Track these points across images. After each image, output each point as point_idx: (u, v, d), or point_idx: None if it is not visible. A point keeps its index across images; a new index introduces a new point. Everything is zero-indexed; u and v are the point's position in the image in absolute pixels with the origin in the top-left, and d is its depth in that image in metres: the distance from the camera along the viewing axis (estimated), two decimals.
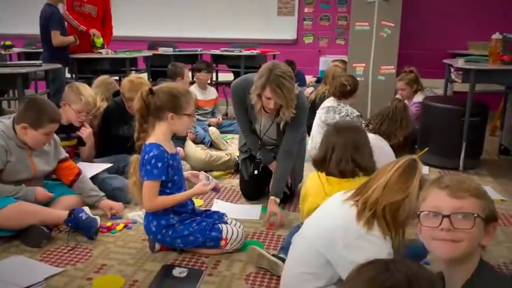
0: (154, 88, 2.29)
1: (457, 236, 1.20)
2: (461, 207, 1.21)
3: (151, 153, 2.22)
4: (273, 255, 2.20)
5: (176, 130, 2.35)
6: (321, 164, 2.16)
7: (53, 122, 2.60)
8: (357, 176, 2.07)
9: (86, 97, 3.10)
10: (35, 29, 4.81)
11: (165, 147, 2.27)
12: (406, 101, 3.41)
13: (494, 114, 4.98)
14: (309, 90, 5.30)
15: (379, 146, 2.65)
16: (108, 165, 3.15)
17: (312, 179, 2.24)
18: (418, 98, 4.50)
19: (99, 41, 4.97)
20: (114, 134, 3.35)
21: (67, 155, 2.88)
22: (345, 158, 2.07)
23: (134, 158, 2.34)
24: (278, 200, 2.82)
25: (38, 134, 2.55)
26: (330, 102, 3.93)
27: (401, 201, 1.54)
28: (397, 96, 4.53)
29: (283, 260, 2.13)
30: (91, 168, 3.07)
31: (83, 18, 4.99)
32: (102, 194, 2.86)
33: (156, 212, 2.32)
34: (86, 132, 3.20)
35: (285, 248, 2.22)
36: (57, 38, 4.62)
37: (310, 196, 2.20)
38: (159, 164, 2.22)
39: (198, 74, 5.11)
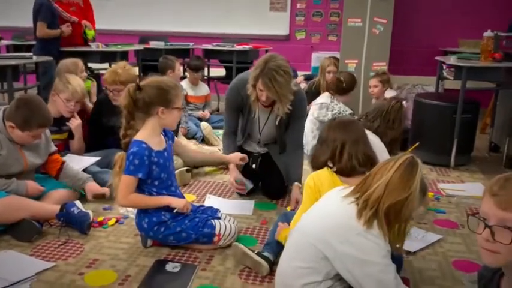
0: (141, 83, 2.23)
1: (495, 247, 1.15)
2: (506, 219, 1.14)
3: (131, 150, 2.18)
4: (258, 253, 2.16)
5: (166, 125, 2.30)
6: (325, 162, 2.08)
7: (42, 127, 2.55)
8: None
9: (74, 86, 3.08)
10: (23, 22, 4.76)
11: (152, 143, 2.23)
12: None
13: (484, 112, 5.02)
14: (299, 79, 5.33)
15: (371, 141, 2.65)
16: (97, 158, 3.12)
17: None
18: (390, 94, 4.47)
19: (90, 32, 4.92)
20: (105, 125, 3.32)
21: (56, 148, 2.85)
22: (360, 152, 2.01)
23: (119, 156, 2.29)
24: (300, 185, 2.80)
25: (24, 135, 2.51)
26: (323, 98, 3.92)
27: (405, 200, 1.55)
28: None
29: (267, 260, 2.11)
30: (80, 162, 3.04)
31: (73, 8, 4.93)
32: (87, 175, 2.83)
33: (147, 209, 2.29)
34: (74, 123, 3.18)
35: (269, 244, 2.21)
36: (42, 30, 4.56)
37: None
38: (136, 161, 2.17)
39: (191, 72, 5.05)
